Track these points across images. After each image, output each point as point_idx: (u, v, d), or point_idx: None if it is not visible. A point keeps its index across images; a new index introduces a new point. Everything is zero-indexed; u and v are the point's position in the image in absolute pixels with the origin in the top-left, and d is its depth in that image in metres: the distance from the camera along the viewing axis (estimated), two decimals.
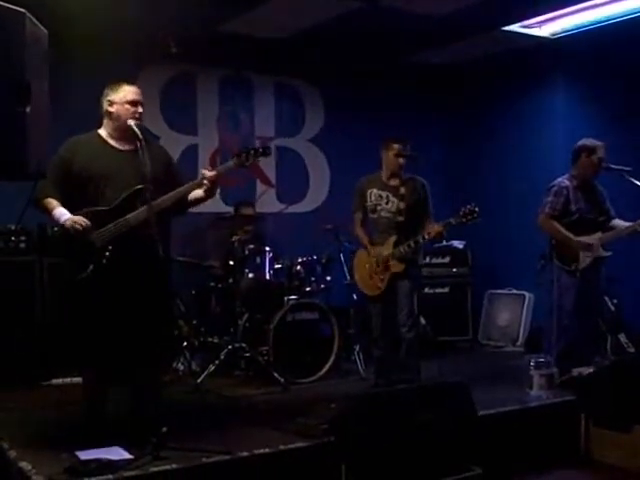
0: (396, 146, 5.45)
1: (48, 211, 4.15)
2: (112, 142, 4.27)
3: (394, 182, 5.49)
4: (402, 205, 5.40)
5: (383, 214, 5.49)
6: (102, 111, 4.28)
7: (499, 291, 8.03)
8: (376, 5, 6.13)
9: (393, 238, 5.39)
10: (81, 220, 4.04)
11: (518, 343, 7.60)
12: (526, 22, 6.85)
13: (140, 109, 4.22)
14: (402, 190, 5.41)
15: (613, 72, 7.25)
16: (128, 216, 4.07)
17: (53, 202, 4.12)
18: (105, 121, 4.29)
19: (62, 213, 4.09)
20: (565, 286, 5.57)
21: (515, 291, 7.89)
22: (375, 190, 5.54)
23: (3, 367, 5.42)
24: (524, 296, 7.75)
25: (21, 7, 3.04)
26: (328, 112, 8.04)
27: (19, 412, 4.73)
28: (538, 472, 4.54)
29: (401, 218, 5.39)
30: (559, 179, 5.67)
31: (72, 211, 4.10)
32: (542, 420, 4.85)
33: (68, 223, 4.04)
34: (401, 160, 5.44)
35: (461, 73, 8.21)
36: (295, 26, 6.71)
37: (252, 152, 4.26)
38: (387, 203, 5.48)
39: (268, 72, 7.68)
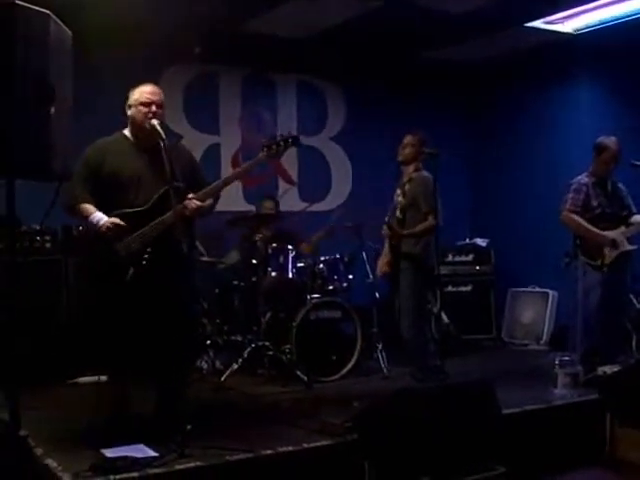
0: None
1: (84, 217, 4.13)
2: (137, 143, 4.28)
3: (404, 179, 5.57)
4: (403, 201, 5.49)
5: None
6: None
7: (523, 289, 7.98)
8: (398, 3, 6.12)
9: None
10: (113, 222, 4.04)
11: (542, 341, 7.55)
12: (549, 18, 6.81)
13: (154, 109, 4.15)
14: (406, 187, 5.43)
15: (637, 67, 7.17)
16: (164, 216, 4.05)
17: (90, 207, 4.10)
18: (128, 124, 4.31)
19: (100, 218, 4.07)
20: (591, 283, 5.54)
21: (539, 289, 7.84)
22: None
23: (30, 366, 5.46)
24: (548, 294, 7.70)
25: (45, 8, 3.07)
26: (350, 110, 8.05)
27: (45, 410, 4.76)
28: (562, 471, 4.50)
29: (400, 215, 5.47)
30: (578, 176, 5.69)
31: (104, 212, 4.10)
32: (567, 419, 4.82)
33: (104, 226, 4.03)
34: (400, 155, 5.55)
35: (483, 70, 8.16)
36: (317, 25, 6.71)
37: (282, 143, 4.23)
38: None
39: (290, 71, 7.71)
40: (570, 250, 5.71)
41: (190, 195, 4.11)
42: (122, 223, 4.04)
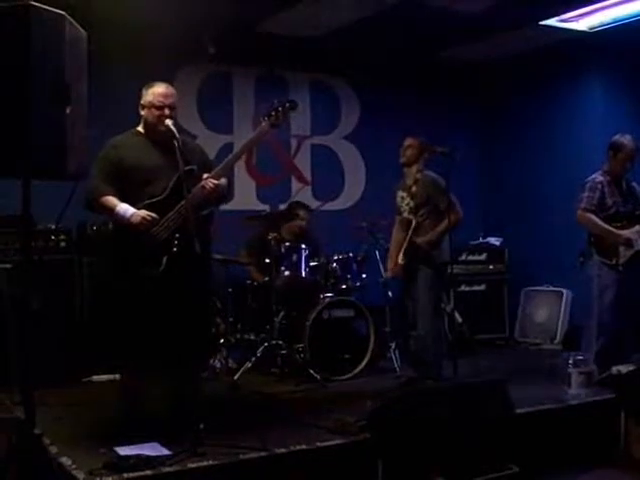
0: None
1: (108, 209, 4.15)
2: (151, 138, 4.31)
3: (408, 181, 5.59)
4: (412, 203, 5.47)
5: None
6: None
7: (536, 288, 7.95)
8: (411, 2, 6.11)
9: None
10: (148, 214, 4.07)
11: (556, 341, 7.52)
12: (563, 16, 6.78)
13: (167, 112, 4.18)
14: (413, 189, 5.46)
15: None
16: (183, 202, 4.05)
17: (113, 199, 4.13)
18: (142, 122, 4.35)
19: (126, 209, 4.09)
20: (606, 282, 5.52)
21: (553, 288, 7.80)
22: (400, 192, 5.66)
23: (44, 364, 5.48)
24: (562, 293, 7.67)
25: (60, 9, 3.09)
26: (363, 109, 8.04)
27: (60, 408, 4.79)
28: (577, 471, 4.49)
29: (410, 216, 5.46)
30: (593, 175, 5.65)
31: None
32: (581, 418, 4.80)
33: (135, 219, 4.06)
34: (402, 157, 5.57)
35: (497, 68, 8.14)
36: (330, 24, 6.71)
37: (280, 108, 4.28)
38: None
39: (303, 70, 7.70)
40: (585, 249, 5.68)
41: (205, 175, 4.16)
42: (155, 215, 4.07)
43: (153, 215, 4.09)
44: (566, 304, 7.63)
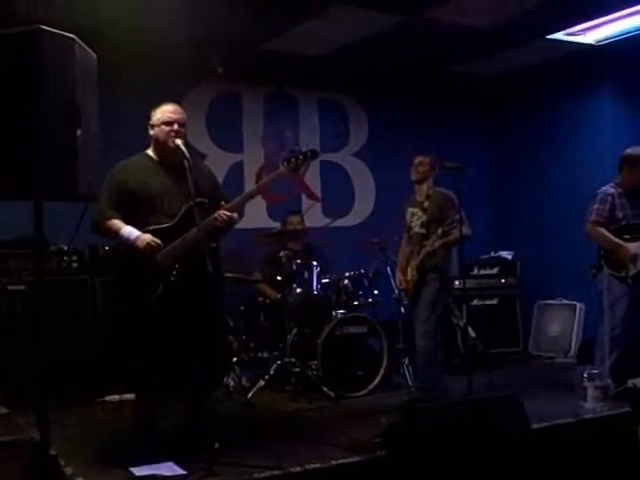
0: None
1: (113, 232, 4.17)
2: (160, 161, 4.33)
3: (419, 197, 5.63)
4: (424, 218, 5.53)
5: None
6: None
7: (549, 301, 7.92)
8: (420, 18, 6.13)
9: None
10: (153, 240, 4.09)
11: (570, 354, 7.48)
12: (570, 30, 6.79)
13: (176, 127, 4.22)
14: (425, 204, 5.51)
15: None
16: (190, 232, 4.09)
17: (118, 222, 4.16)
18: (151, 144, 4.37)
19: (131, 231, 4.12)
20: (616, 294, 5.49)
21: (566, 301, 7.77)
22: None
23: (58, 384, 5.50)
24: (575, 306, 7.64)
25: (70, 31, 3.13)
26: (372, 126, 8.07)
27: (74, 429, 4.80)
28: None
29: (423, 230, 5.52)
30: (604, 187, 5.62)
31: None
32: (597, 433, 4.76)
33: (140, 243, 4.08)
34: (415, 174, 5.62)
35: (505, 83, 8.15)
36: (338, 41, 6.74)
37: (301, 156, 4.31)
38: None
39: (312, 88, 7.73)
40: (596, 262, 5.66)
41: (223, 205, 4.20)
42: (159, 242, 4.09)
43: (158, 241, 4.10)
44: (579, 317, 7.60)
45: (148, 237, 4.09)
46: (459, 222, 5.26)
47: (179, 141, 4.17)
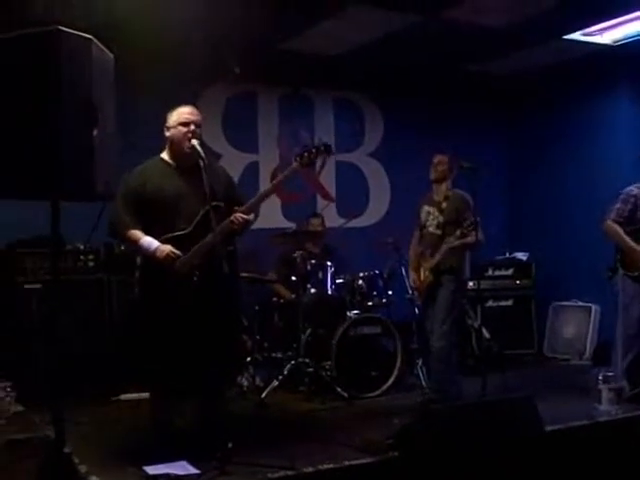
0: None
1: (133, 241, 4.20)
2: (176, 165, 4.35)
3: (437, 197, 5.61)
4: (441, 219, 5.52)
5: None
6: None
7: (564, 303, 7.88)
8: (436, 18, 6.12)
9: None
10: (172, 251, 4.11)
11: (585, 356, 7.44)
12: (587, 30, 6.75)
13: (192, 127, 4.23)
14: (443, 205, 5.51)
15: None
16: (207, 238, 4.11)
17: (137, 233, 4.18)
18: (167, 146, 4.38)
19: (150, 242, 4.14)
20: (631, 295, 5.46)
21: (581, 303, 7.73)
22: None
23: (73, 383, 5.53)
24: (590, 308, 7.59)
25: (87, 32, 3.14)
26: (387, 126, 8.05)
27: (89, 427, 4.82)
28: None
29: (439, 231, 5.51)
30: (628, 187, 5.58)
31: (147, 234, 4.18)
32: (612, 435, 4.74)
33: (160, 254, 4.10)
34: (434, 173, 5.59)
35: (522, 83, 8.12)
36: (354, 41, 6.73)
37: (314, 150, 4.31)
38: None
39: (327, 88, 7.73)
40: (612, 263, 5.63)
41: (237, 209, 4.20)
42: (178, 252, 4.11)
43: (177, 252, 4.13)
44: (595, 319, 7.56)
45: (168, 248, 4.12)
46: (476, 225, 5.25)
47: (195, 141, 4.19)
